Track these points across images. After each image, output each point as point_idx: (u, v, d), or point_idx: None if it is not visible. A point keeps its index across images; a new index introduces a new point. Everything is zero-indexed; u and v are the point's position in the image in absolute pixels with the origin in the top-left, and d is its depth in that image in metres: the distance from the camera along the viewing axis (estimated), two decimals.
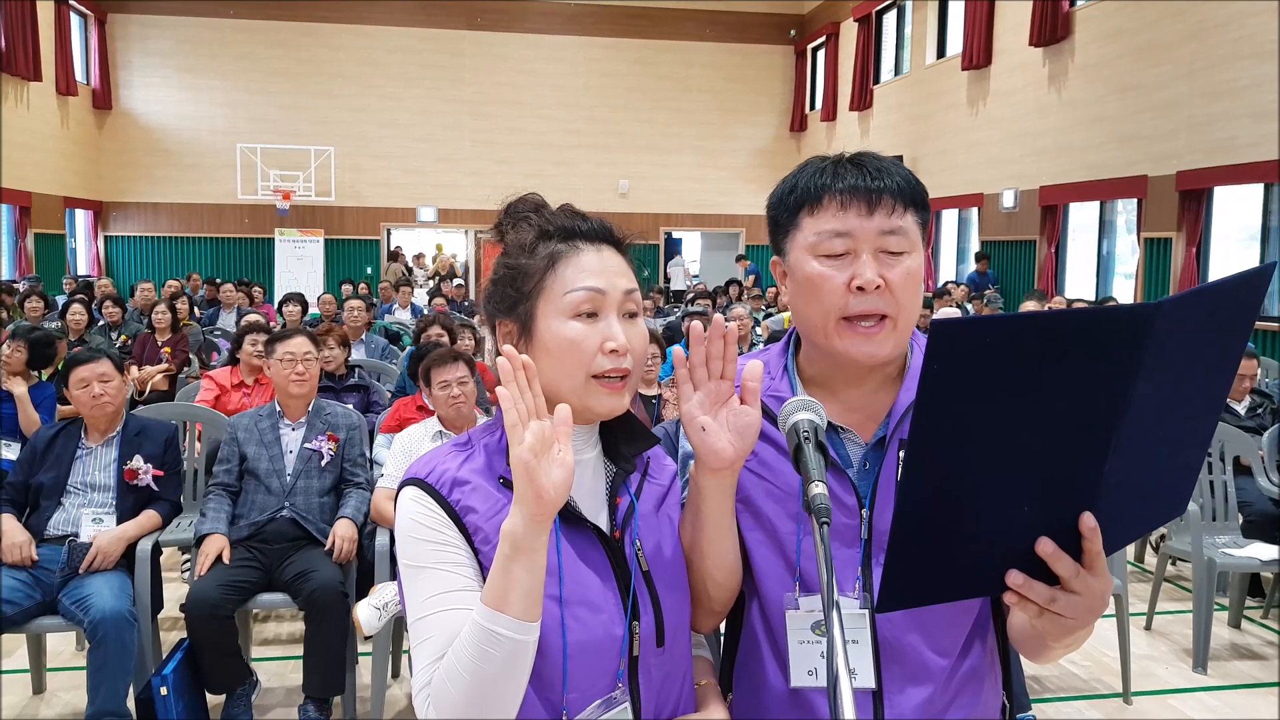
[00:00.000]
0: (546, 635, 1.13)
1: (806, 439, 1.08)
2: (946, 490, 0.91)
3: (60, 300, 10.11)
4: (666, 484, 1.35)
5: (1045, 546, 0.96)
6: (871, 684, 1.25)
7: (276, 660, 3.94)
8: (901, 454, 1.24)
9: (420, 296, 14.09)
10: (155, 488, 3.48)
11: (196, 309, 10.83)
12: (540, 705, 1.16)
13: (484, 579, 1.12)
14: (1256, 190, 9.57)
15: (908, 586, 0.96)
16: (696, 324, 1.20)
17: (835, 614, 0.91)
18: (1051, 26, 12.00)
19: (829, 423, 1.31)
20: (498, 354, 1.13)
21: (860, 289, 1.21)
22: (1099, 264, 12.12)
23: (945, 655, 1.27)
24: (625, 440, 1.29)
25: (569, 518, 1.20)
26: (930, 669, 1.26)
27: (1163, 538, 4.43)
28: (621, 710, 1.20)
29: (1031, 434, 0.89)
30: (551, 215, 1.27)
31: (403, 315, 11.26)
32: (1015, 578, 0.97)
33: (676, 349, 1.23)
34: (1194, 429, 1.02)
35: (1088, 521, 0.94)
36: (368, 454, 3.82)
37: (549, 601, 1.14)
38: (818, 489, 1.01)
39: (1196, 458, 1.07)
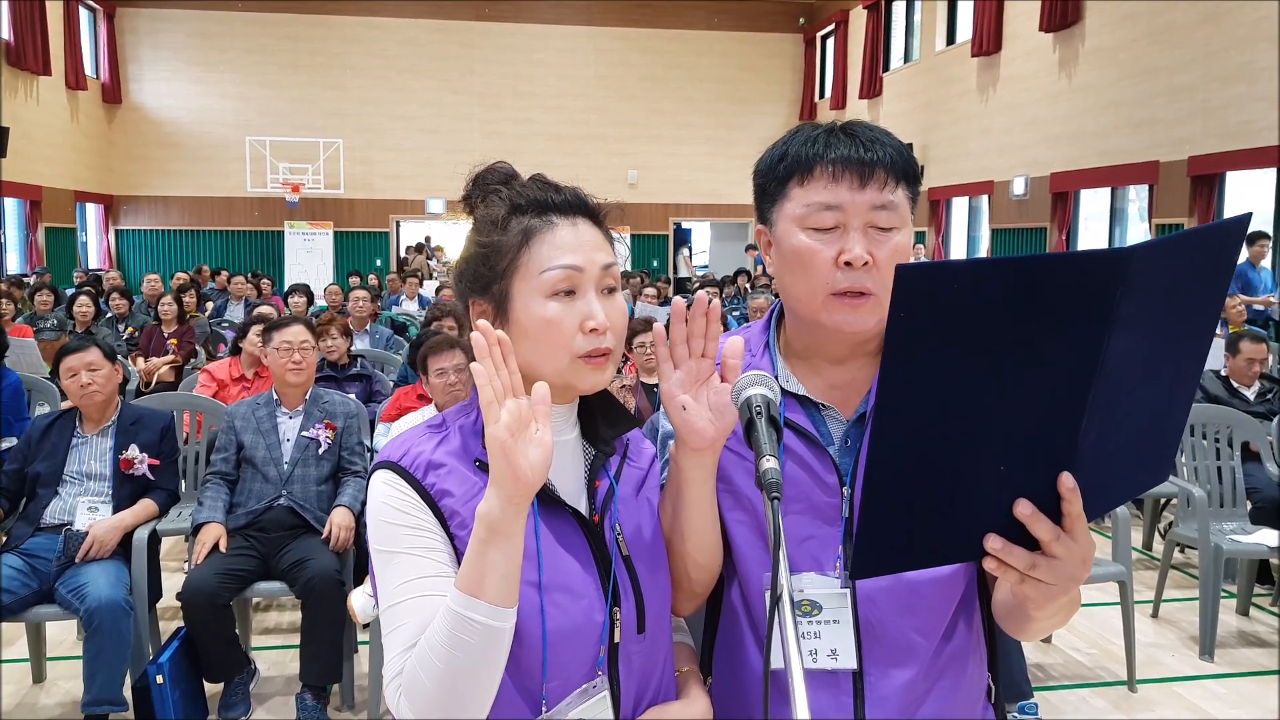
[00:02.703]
0: (525, 622, 1.10)
1: (759, 414, 1.05)
2: (918, 447, 0.87)
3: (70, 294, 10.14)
4: (645, 467, 1.31)
5: (1023, 508, 0.92)
6: (853, 664, 1.22)
7: (276, 649, 3.94)
8: None
9: (429, 288, 14.09)
10: (151, 477, 3.47)
11: (209, 302, 10.84)
12: (518, 694, 1.13)
13: (459, 565, 1.08)
14: (1269, 175, 9.45)
15: (882, 552, 0.92)
16: (679, 300, 1.17)
17: (785, 595, 0.89)
18: (1062, 12, 11.90)
19: (810, 399, 1.28)
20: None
21: (848, 264, 1.17)
22: None
23: (929, 636, 1.23)
24: (605, 423, 1.26)
25: (548, 501, 1.16)
26: (914, 650, 1.23)
27: (1170, 525, 4.38)
28: (600, 699, 1.17)
29: (1004, 387, 0.85)
30: (523, 187, 1.23)
31: (410, 306, 11.29)
32: (994, 542, 0.94)
33: (658, 326, 1.19)
34: (1175, 390, 0.98)
35: (1066, 482, 0.91)
36: (366, 442, 3.80)
37: (528, 588, 1.11)
38: (769, 463, 0.98)
39: (1178, 421, 1.03)
